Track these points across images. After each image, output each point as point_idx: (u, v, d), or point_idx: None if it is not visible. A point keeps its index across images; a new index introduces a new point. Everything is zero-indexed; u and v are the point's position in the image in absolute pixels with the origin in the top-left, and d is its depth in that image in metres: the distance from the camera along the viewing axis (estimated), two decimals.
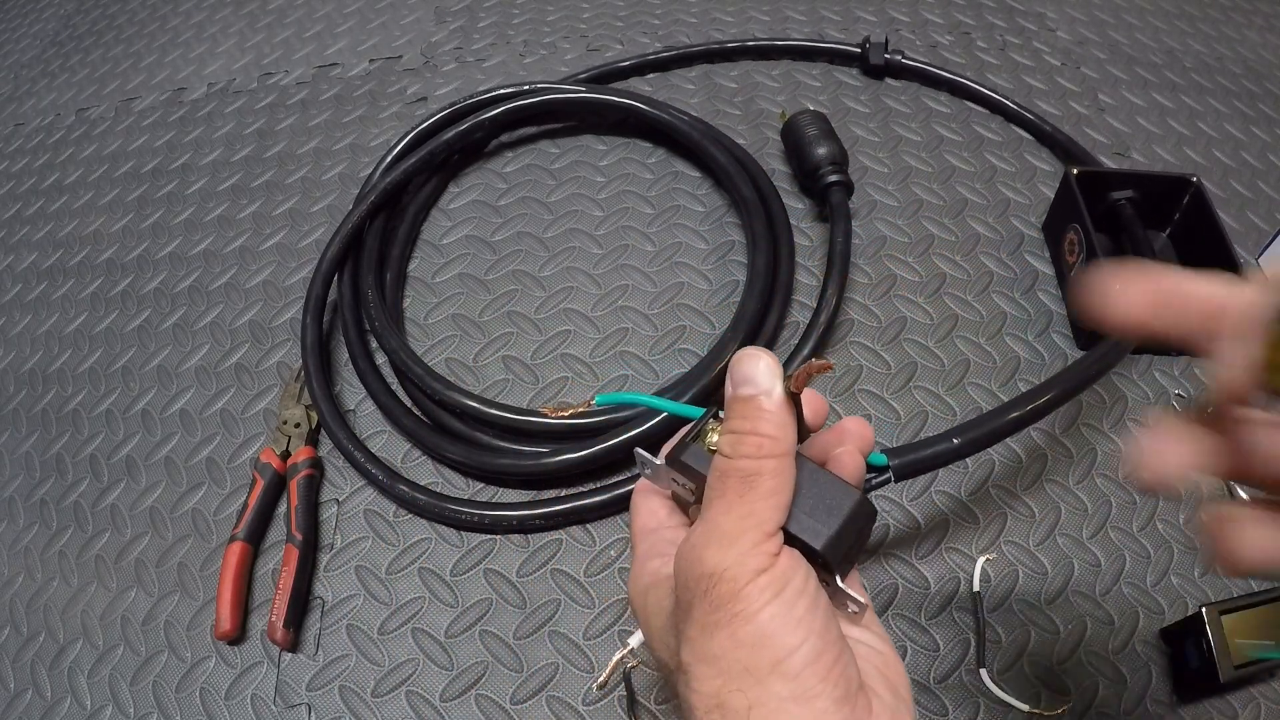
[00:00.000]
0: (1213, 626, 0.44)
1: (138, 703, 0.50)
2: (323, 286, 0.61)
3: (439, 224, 0.68)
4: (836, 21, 0.80)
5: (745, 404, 0.29)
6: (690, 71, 0.76)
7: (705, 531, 0.28)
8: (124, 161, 0.77)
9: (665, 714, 0.47)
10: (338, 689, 0.49)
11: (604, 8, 0.83)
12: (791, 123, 0.66)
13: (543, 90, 0.69)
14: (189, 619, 0.52)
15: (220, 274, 0.67)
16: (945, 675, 0.47)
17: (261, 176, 0.73)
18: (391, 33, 0.84)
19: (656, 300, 0.62)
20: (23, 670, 0.52)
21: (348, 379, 0.61)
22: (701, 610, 0.27)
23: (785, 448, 0.28)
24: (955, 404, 0.56)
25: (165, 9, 0.93)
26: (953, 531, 0.51)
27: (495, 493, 0.55)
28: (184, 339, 0.64)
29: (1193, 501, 0.53)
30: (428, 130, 0.69)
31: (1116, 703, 0.46)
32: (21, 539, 0.57)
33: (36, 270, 0.71)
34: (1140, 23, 0.80)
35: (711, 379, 0.54)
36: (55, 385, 0.64)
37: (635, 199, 0.67)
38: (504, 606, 0.51)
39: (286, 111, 0.78)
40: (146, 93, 0.83)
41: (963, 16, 0.80)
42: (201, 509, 0.56)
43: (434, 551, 0.53)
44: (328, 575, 0.53)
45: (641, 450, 0.32)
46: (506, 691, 0.48)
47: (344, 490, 0.56)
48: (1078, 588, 0.49)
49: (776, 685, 0.26)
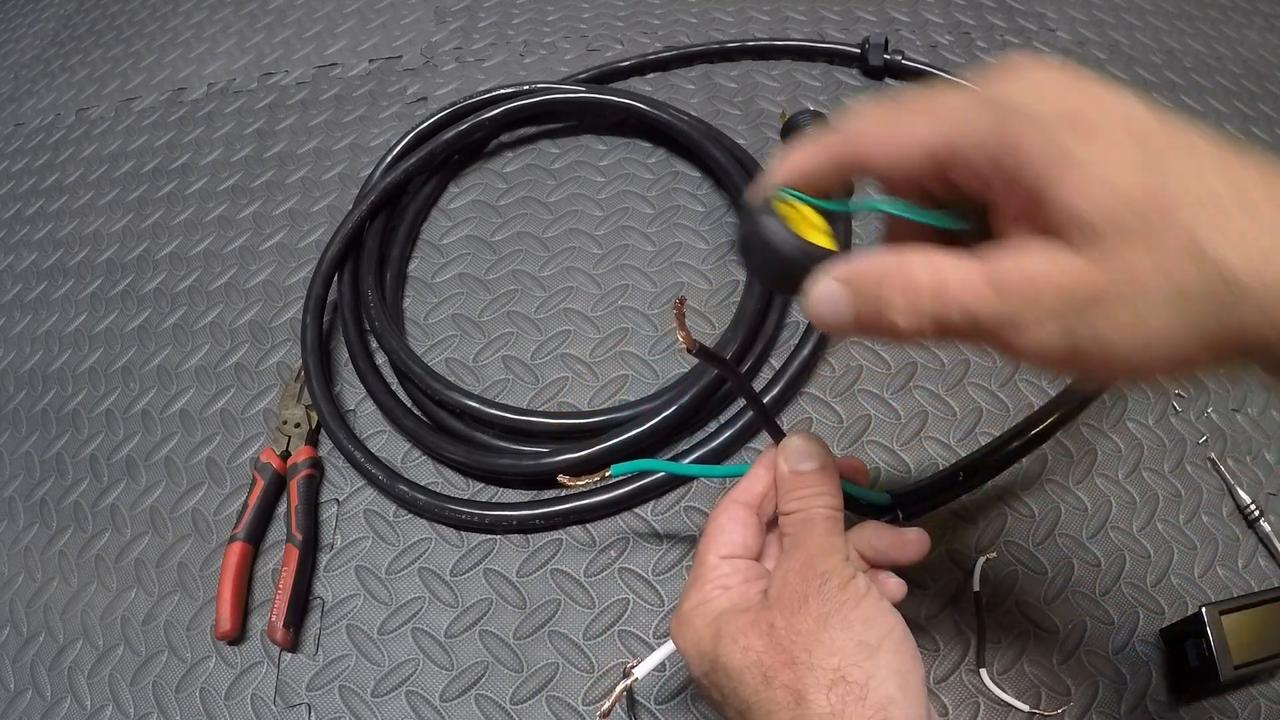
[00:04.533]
0: (1213, 626, 0.44)
1: (138, 703, 0.50)
2: (323, 286, 0.61)
3: (439, 224, 0.68)
4: (836, 21, 0.80)
5: (812, 475, 0.37)
6: (690, 71, 0.76)
7: (806, 554, 0.34)
8: (124, 161, 0.77)
9: (665, 714, 0.47)
10: (338, 689, 0.49)
11: (604, 8, 0.83)
12: (791, 123, 0.66)
13: (543, 90, 0.69)
14: (189, 619, 0.52)
15: (220, 274, 0.67)
16: (945, 675, 0.47)
17: (261, 176, 0.73)
18: (391, 33, 0.84)
19: (656, 300, 0.62)
20: (23, 670, 0.52)
21: (348, 379, 0.61)
22: (816, 603, 0.32)
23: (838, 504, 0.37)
24: (955, 404, 0.56)
25: (165, 9, 0.93)
26: (953, 531, 0.51)
27: (495, 493, 0.55)
28: (184, 339, 0.64)
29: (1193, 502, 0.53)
30: (428, 130, 0.69)
31: (1116, 703, 0.46)
32: (21, 539, 0.57)
33: (36, 270, 0.71)
34: (1140, 23, 0.80)
35: (711, 379, 0.54)
36: (55, 385, 0.64)
37: (635, 199, 0.67)
38: (504, 606, 0.51)
39: (286, 111, 0.78)
40: (146, 93, 0.83)
41: (963, 16, 0.80)
42: (201, 509, 0.56)
43: (434, 551, 0.53)
44: (328, 575, 0.53)
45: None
46: (506, 691, 0.48)
47: (344, 490, 0.56)
48: (1078, 588, 0.49)
49: (884, 658, 0.32)
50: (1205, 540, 0.51)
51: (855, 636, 0.32)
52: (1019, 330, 0.24)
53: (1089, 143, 0.24)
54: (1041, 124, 0.24)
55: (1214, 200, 0.23)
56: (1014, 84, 0.25)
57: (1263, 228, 0.22)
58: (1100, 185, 0.23)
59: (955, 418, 0.56)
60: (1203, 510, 0.52)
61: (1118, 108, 0.25)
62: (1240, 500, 0.52)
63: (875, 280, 0.27)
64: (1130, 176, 0.23)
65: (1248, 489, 0.52)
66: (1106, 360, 0.24)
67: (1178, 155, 0.23)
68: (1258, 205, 0.23)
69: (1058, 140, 0.24)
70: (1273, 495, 0.53)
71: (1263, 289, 0.22)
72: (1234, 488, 0.52)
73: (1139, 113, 0.24)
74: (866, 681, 0.31)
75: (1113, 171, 0.23)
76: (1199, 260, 0.22)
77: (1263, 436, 0.55)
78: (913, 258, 0.26)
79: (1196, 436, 0.55)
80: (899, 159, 0.27)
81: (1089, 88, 0.25)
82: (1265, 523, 0.51)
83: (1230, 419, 0.56)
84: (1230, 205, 0.22)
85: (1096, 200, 0.23)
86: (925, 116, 0.27)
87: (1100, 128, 0.24)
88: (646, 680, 0.47)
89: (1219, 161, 0.23)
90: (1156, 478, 0.53)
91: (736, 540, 0.37)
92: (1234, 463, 0.54)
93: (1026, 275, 0.24)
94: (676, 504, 0.54)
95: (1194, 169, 0.23)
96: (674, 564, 0.52)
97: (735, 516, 0.38)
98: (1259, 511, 0.51)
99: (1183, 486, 0.53)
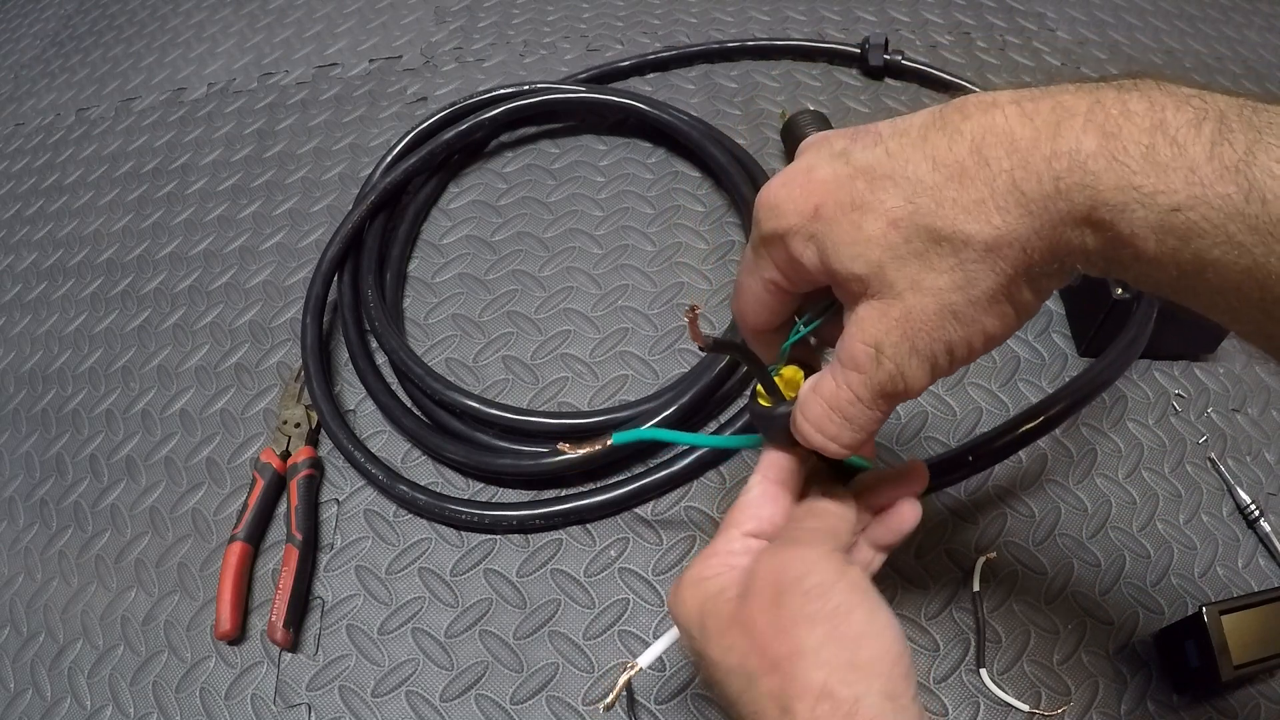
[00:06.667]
0: (1213, 626, 0.44)
1: (138, 703, 0.50)
2: (323, 286, 0.61)
3: (439, 224, 0.68)
4: (836, 21, 0.80)
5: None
6: (690, 71, 0.76)
7: (782, 548, 0.32)
8: (124, 161, 0.77)
9: (665, 714, 0.47)
10: (338, 689, 0.49)
11: (604, 8, 0.83)
12: (791, 123, 0.66)
13: (543, 90, 0.69)
14: (189, 619, 0.52)
15: (220, 274, 0.67)
16: (945, 675, 0.47)
17: (261, 176, 0.73)
18: (391, 33, 0.84)
19: (656, 300, 0.62)
20: (23, 670, 0.52)
21: (348, 379, 0.61)
22: (797, 603, 0.30)
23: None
24: (955, 404, 0.56)
25: (165, 9, 0.93)
26: (953, 531, 0.51)
27: (495, 493, 0.55)
28: (184, 339, 0.64)
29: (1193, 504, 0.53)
30: (428, 130, 0.69)
31: (1116, 703, 0.46)
32: (21, 539, 0.57)
33: (36, 270, 0.71)
34: (1140, 23, 0.80)
35: (711, 379, 0.54)
36: (55, 385, 0.64)
37: (635, 199, 0.67)
38: (504, 606, 0.51)
39: (286, 111, 0.78)
40: (146, 93, 0.83)
41: (963, 16, 0.80)
42: (201, 509, 0.56)
43: (434, 551, 0.53)
44: (328, 575, 0.53)
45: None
46: (506, 691, 0.48)
47: (344, 490, 0.56)
48: (1078, 588, 0.49)
49: (876, 682, 0.29)
50: (1205, 540, 0.51)
51: (846, 655, 0.29)
52: (903, 375, 0.30)
53: (827, 228, 0.29)
54: (798, 242, 0.30)
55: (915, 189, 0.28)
56: (768, 211, 0.31)
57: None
58: (849, 250, 0.28)
59: (955, 418, 0.56)
60: (1203, 510, 0.52)
61: (827, 175, 0.29)
62: (1240, 500, 0.52)
63: (805, 428, 0.33)
64: (860, 230, 0.28)
65: (1248, 489, 0.52)
66: (971, 338, 0.30)
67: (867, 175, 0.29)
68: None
69: (810, 246, 0.30)
70: (1273, 495, 0.53)
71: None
72: (1234, 488, 0.52)
73: (825, 170, 0.30)
74: (854, 702, 0.28)
75: (845, 234, 0.28)
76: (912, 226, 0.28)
77: (1263, 436, 0.55)
78: (804, 402, 0.33)
79: (1196, 436, 0.55)
80: (768, 318, 0.34)
81: (811, 171, 0.30)
82: (1265, 523, 0.51)
83: (1230, 419, 0.56)
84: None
85: (853, 263, 0.29)
86: (751, 286, 0.33)
87: (826, 205, 0.29)
88: (646, 680, 0.47)
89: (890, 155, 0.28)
90: (1156, 478, 0.53)
91: (765, 516, 0.35)
92: (1234, 463, 0.54)
93: (860, 344, 0.30)
94: (676, 504, 0.54)
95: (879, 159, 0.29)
96: (674, 564, 0.52)
97: (768, 493, 0.36)
98: (1259, 511, 0.51)
99: (1183, 486, 0.53)
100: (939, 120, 0.28)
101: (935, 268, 0.27)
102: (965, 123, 0.27)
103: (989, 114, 0.27)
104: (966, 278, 0.27)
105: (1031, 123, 0.26)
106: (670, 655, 0.48)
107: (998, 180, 0.26)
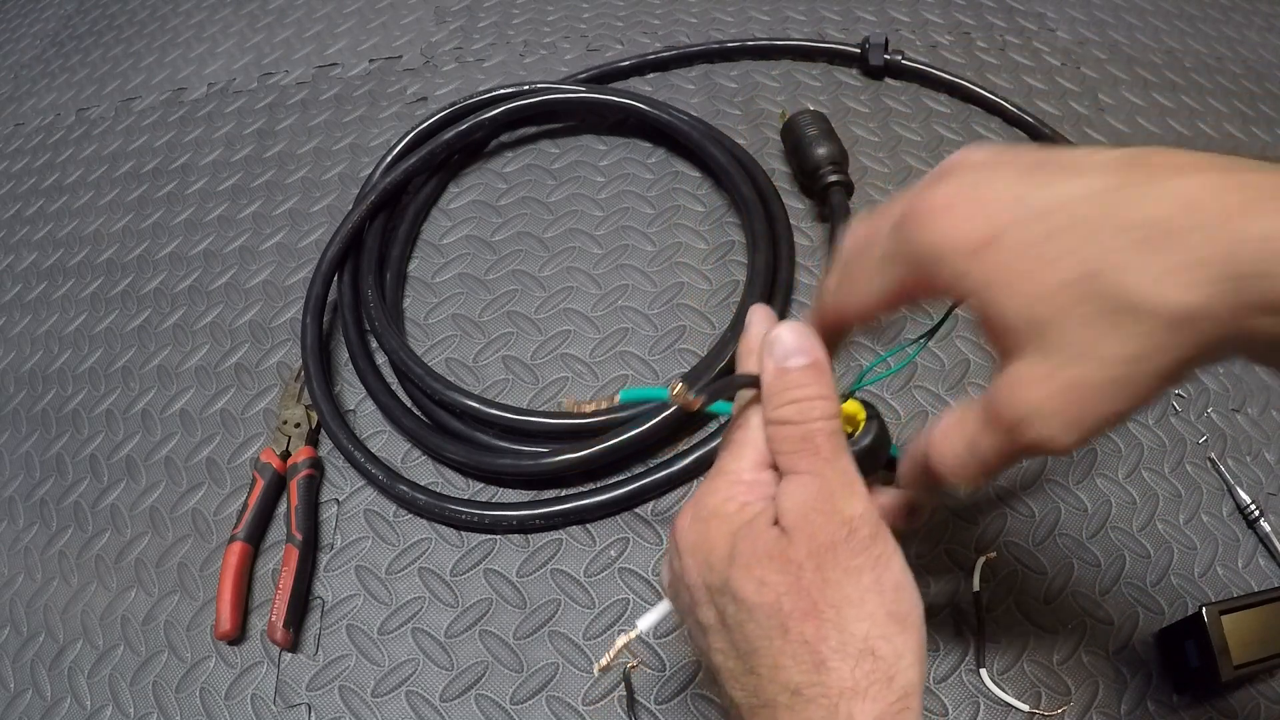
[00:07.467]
0: (1213, 626, 0.44)
1: (138, 703, 0.50)
2: (323, 286, 0.61)
3: (439, 224, 0.68)
4: (836, 21, 0.80)
5: (804, 372, 0.32)
6: (690, 71, 0.76)
7: (824, 484, 0.30)
8: (124, 161, 0.77)
9: (665, 714, 0.47)
10: (338, 689, 0.49)
11: (604, 8, 0.83)
12: (791, 123, 0.66)
13: (543, 90, 0.69)
14: (189, 619, 0.52)
15: (220, 274, 0.67)
16: (945, 675, 0.47)
17: (261, 176, 0.73)
18: (391, 33, 0.84)
19: (656, 300, 0.62)
20: (23, 670, 0.52)
21: (348, 379, 0.61)
22: (846, 554, 0.29)
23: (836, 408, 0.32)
24: (955, 404, 0.56)
25: (165, 9, 0.92)
26: (953, 531, 0.51)
27: (495, 493, 0.55)
28: (184, 339, 0.64)
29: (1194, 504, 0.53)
30: (428, 130, 0.69)
31: (1116, 703, 0.46)
32: (21, 539, 0.57)
33: (36, 270, 0.71)
34: (1140, 23, 0.80)
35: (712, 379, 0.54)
36: (55, 385, 0.64)
37: (635, 199, 0.67)
38: (504, 606, 0.51)
39: (286, 111, 0.78)
40: (146, 93, 0.83)
41: (963, 16, 0.80)
42: (201, 509, 0.56)
43: (434, 551, 0.53)
44: (328, 575, 0.53)
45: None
46: (506, 691, 0.48)
47: (344, 490, 0.56)
48: (1078, 588, 0.49)
49: (912, 637, 0.29)
50: (1205, 540, 0.51)
51: (887, 605, 0.28)
52: (1054, 441, 0.27)
53: (996, 268, 0.27)
54: (953, 266, 0.27)
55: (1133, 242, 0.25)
56: (927, 221, 0.28)
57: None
58: (1021, 299, 0.26)
59: None
60: (1203, 510, 0.52)
61: (1004, 208, 0.27)
62: (1240, 500, 0.52)
63: (940, 466, 0.31)
64: (1036, 279, 0.26)
65: (1248, 489, 0.52)
66: (1126, 413, 0.27)
67: (1063, 218, 0.26)
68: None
69: (968, 277, 0.27)
70: (1273, 495, 0.53)
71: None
72: (1234, 488, 0.52)
73: (1000, 198, 0.27)
74: (896, 661, 0.28)
75: (1019, 280, 0.26)
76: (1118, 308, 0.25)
77: (1263, 436, 0.55)
78: (936, 433, 0.31)
79: (1196, 436, 0.55)
80: (867, 314, 0.32)
81: (981, 194, 0.27)
82: (1265, 523, 0.51)
83: (1230, 419, 0.56)
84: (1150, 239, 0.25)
85: (1023, 314, 0.26)
86: (866, 280, 0.31)
87: (1002, 241, 0.26)
88: (646, 680, 0.47)
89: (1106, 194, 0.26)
90: (1156, 478, 0.53)
91: (764, 448, 0.33)
92: (1234, 463, 0.54)
93: (1015, 409, 0.27)
94: (676, 504, 0.54)
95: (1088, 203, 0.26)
96: None
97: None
98: (1259, 511, 0.51)
99: (1183, 486, 0.53)
100: (1133, 168, 0.26)
101: (1115, 335, 0.25)
102: (1169, 180, 0.25)
103: (1192, 176, 0.25)
104: (1145, 349, 0.25)
105: (1242, 194, 0.24)
106: (671, 655, 0.48)
107: (1201, 250, 0.24)
